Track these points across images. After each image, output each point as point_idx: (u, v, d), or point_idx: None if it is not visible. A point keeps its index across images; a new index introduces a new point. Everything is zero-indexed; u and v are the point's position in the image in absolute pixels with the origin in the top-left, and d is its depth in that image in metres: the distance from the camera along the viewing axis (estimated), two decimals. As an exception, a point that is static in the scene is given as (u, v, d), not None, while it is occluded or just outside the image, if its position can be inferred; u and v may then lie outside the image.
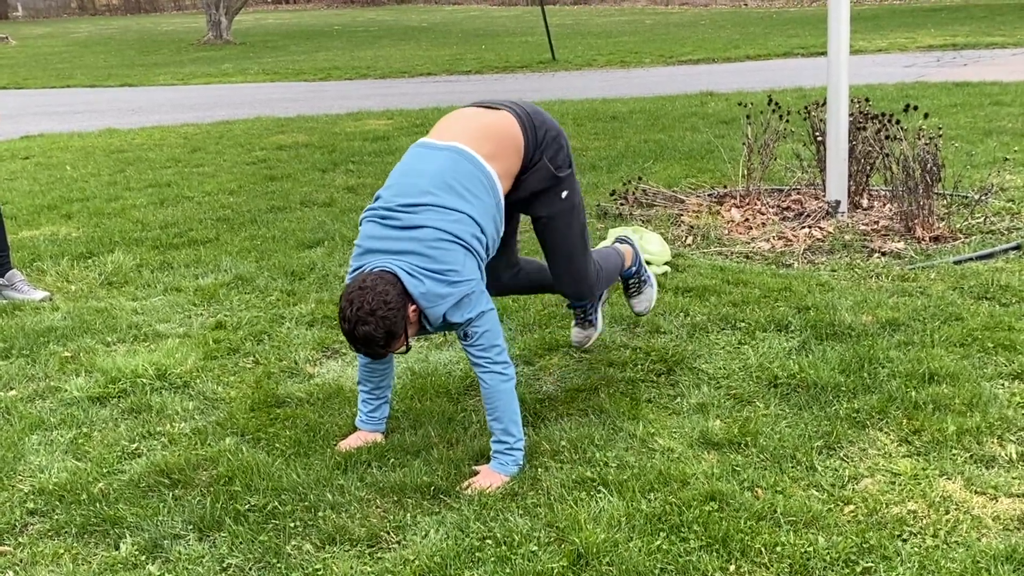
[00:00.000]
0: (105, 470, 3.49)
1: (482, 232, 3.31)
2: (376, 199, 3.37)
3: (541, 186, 3.55)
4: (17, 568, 2.96)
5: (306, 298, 5.17)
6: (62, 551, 3.03)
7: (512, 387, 3.33)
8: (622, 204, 6.64)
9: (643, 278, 4.25)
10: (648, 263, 5.35)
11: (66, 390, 4.16)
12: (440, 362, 4.29)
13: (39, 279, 5.74)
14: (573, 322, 4.23)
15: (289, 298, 5.18)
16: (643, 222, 6.27)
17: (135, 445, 3.68)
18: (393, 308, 3.10)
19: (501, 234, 3.47)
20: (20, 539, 3.11)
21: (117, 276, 5.70)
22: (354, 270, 3.28)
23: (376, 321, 3.08)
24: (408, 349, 3.28)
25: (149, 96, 15.56)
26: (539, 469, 3.34)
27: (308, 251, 6.01)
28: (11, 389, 4.22)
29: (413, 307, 3.18)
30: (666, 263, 5.41)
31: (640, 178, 7.09)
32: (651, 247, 5.46)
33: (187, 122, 11.99)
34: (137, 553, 3.00)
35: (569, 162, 3.63)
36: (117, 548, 3.03)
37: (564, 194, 3.59)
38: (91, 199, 7.73)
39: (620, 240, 4.29)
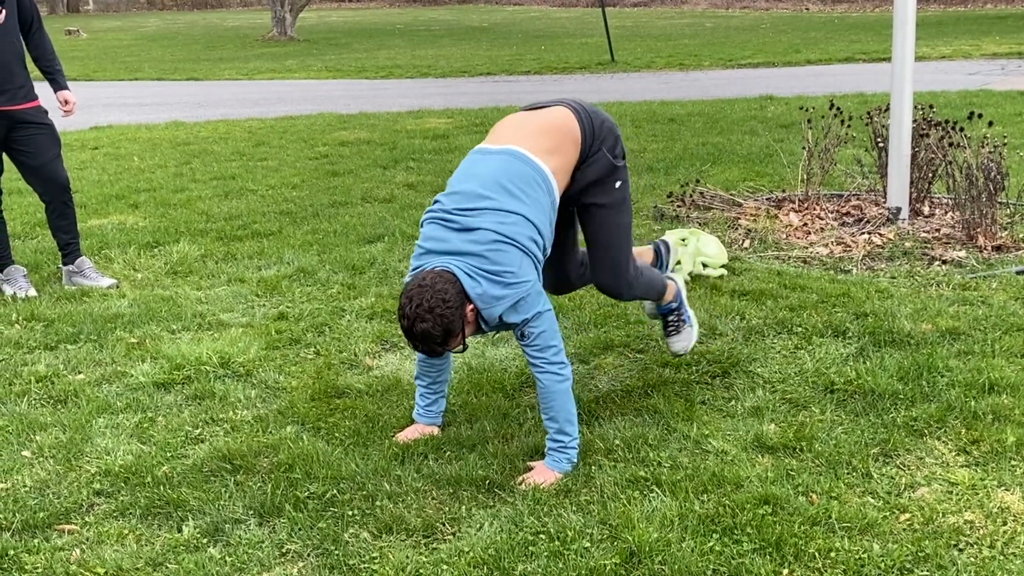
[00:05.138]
0: (169, 454, 3.58)
1: (539, 234, 3.34)
2: (435, 202, 3.42)
3: (598, 175, 3.56)
4: (83, 546, 3.05)
5: (366, 292, 5.24)
6: (126, 531, 3.12)
7: (568, 387, 3.36)
8: (679, 206, 6.63)
9: (683, 317, 4.07)
10: (705, 265, 5.36)
11: (132, 375, 4.26)
12: (496, 358, 4.34)
13: (107, 267, 5.89)
14: (665, 332, 4.12)
15: (350, 291, 5.26)
16: (700, 224, 6.26)
17: (198, 431, 3.77)
18: (451, 307, 3.14)
19: (553, 234, 3.49)
20: (87, 518, 3.20)
21: (182, 266, 5.83)
22: (414, 269, 3.34)
23: (434, 319, 3.13)
24: (465, 348, 3.33)
25: (214, 90, 15.80)
26: (593, 467, 3.37)
27: (368, 246, 6.09)
28: (79, 373, 4.34)
29: (471, 307, 3.23)
30: (723, 266, 5.41)
31: (698, 180, 7.08)
32: (708, 249, 5.46)
33: (251, 116, 12.17)
34: (199, 536, 3.07)
35: (623, 153, 3.64)
36: (180, 530, 3.11)
37: (618, 184, 3.60)
38: (158, 190, 7.89)
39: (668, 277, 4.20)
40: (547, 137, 3.45)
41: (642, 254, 4.07)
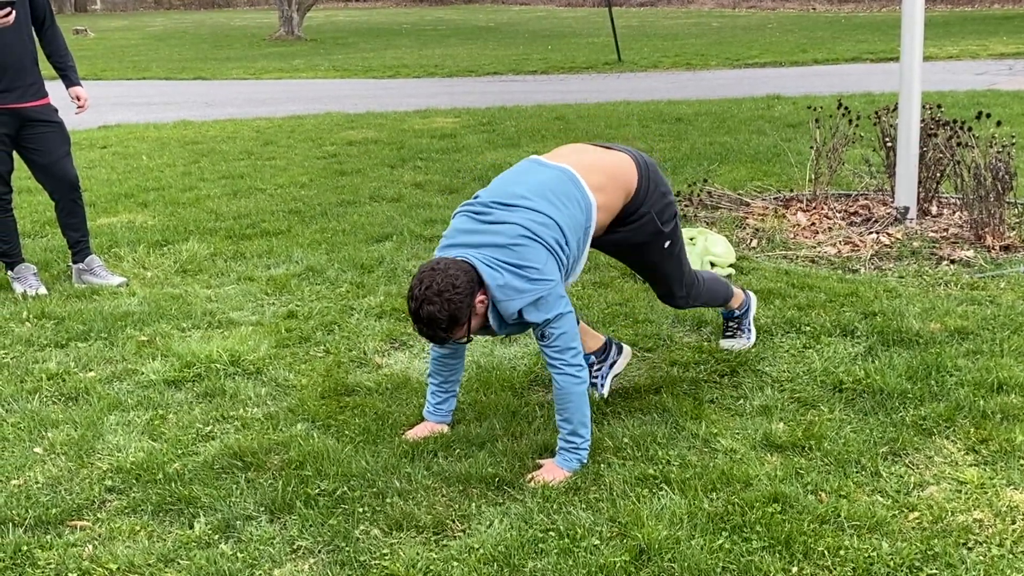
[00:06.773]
0: (180, 451, 3.60)
1: (565, 242, 3.38)
2: (475, 197, 3.48)
3: (644, 239, 3.70)
4: (96, 543, 3.06)
5: (375, 290, 5.26)
6: (138, 528, 3.13)
7: (584, 389, 3.37)
8: (687, 205, 6.64)
9: (743, 327, 4.34)
10: (712, 264, 5.37)
11: (143, 373, 4.28)
12: (505, 356, 4.35)
13: (116, 265, 5.91)
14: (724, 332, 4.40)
15: (358, 290, 5.28)
16: (708, 224, 6.27)
17: (209, 428, 3.78)
18: (461, 293, 3.16)
19: (582, 261, 3.57)
20: (99, 515, 3.22)
21: (192, 264, 5.85)
22: None
23: (442, 303, 3.14)
24: (469, 340, 3.34)
25: (222, 89, 15.83)
26: (602, 465, 3.38)
27: (377, 245, 6.10)
28: (90, 370, 4.36)
29: (481, 298, 3.24)
30: (731, 265, 5.42)
31: (705, 180, 7.09)
32: (716, 249, 5.47)
33: (259, 116, 12.19)
34: (210, 532, 3.09)
35: (674, 214, 3.75)
36: (191, 527, 3.12)
37: (666, 244, 3.74)
38: (166, 189, 7.92)
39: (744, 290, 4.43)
40: (601, 175, 3.56)
41: (588, 333, 3.99)
